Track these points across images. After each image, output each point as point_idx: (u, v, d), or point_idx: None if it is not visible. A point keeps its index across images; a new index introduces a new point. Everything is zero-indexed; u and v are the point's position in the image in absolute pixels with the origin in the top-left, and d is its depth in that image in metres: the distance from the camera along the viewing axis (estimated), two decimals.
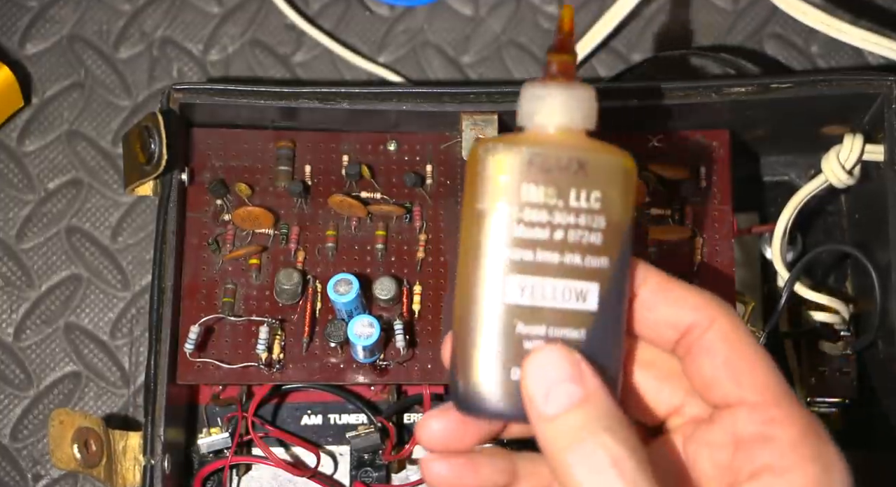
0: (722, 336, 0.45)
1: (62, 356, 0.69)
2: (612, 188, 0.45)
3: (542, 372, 0.44)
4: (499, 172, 0.45)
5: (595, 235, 0.45)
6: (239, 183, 0.63)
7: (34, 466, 0.67)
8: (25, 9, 0.74)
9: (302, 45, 0.74)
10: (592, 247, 0.45)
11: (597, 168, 0.45)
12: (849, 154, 0.63)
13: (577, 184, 0.45)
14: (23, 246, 0.70)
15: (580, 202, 0.45)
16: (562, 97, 0.46)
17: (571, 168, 0.45)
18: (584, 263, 0.45)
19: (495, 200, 0.45)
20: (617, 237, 0.46)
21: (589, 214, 0.45)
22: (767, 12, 0.73)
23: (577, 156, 0.45)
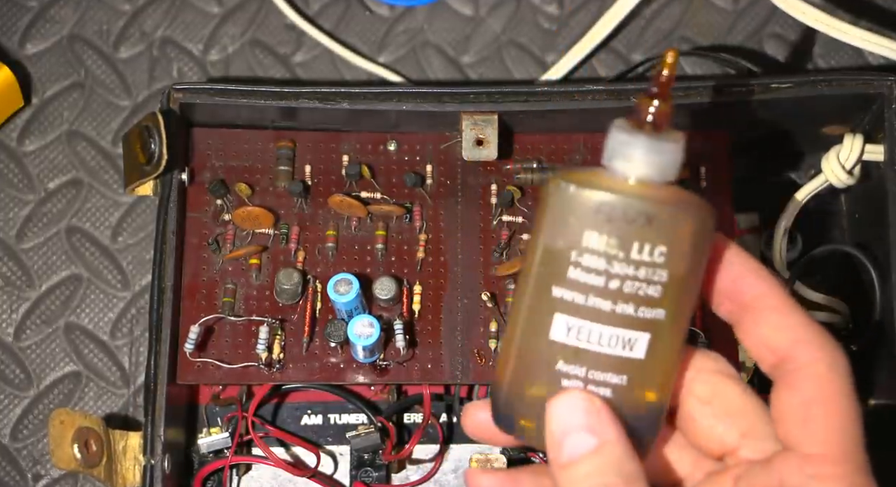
0: (814, 376, 0.44)
1: (62, 356, 0.69)
2: (680, 244, 0.45)
3: (562, 417, 0.44)
4: (565, 212, 0.45)
5: (654, 288, 0.45)
6: (239, 183, 0.63)
7: (34, 466, 0.67)
8: (25, 9, 0.74)
9: (302, 45, 0.74)
10: (649, 300, 0.45)
11: (665, 224, 0.44)
12: (849, 154, 0.63)
13: (641, 238, 0.44)
14: (23, 246, 0.70)
15: (642, 255, 0.44)
16: (647, 148, 0.45)
17: (638, 221, 0.44)
18: (637, 314, 0.45)
19: (557, 238, 0.45)
20: (678, 290, 0.45)
21: (650, 267, 0.44)
22: (767, 12, 0.73)
23: (647, 210, 0.44)
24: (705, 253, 0.46)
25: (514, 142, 0.64)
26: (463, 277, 0.62)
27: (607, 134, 0.46)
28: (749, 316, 0.46)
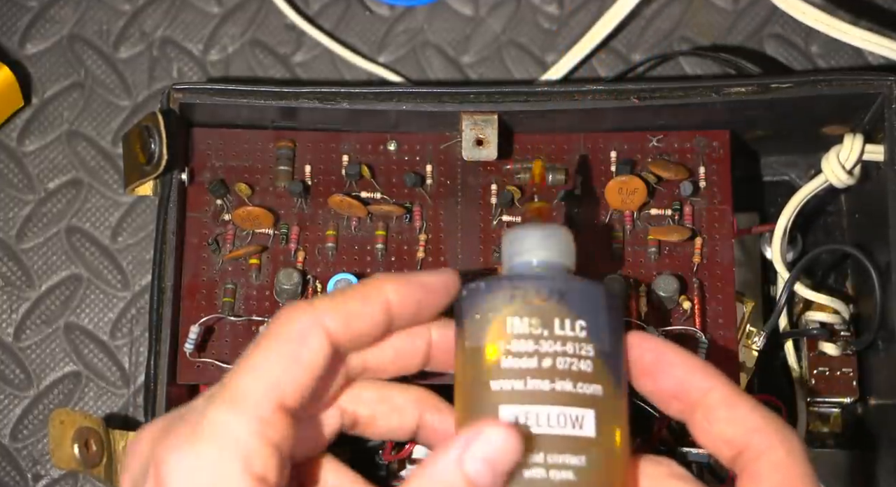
0: (775, 463, 0.45)
1: (62, 356, 0.69)
2: (596, 317, 0.47)
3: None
4: (484, 310, 0.47)
5: (585, 363, 0.46)
6: (239, 183, 0.63)
7: (34, 466, 0.67)
8: (25, 9, 0.74)
9: (302, 45, 0.74)
10: (584, 375, 0.46)
11: (579, 298, 0.47)
12: (849, 154, 0.63)
13: (560, 314, 0.46)
14: (23, 246, 0.70)
15: (565, 330, 0.46)
16: (540, 236, 0.49)
17: (553, 298, 0.47)
18: (577, 389, 0.46)
19: (482, 338, 0.47)
20: (607, 365, 0.47)
21: (575, 342, 0.46)
22: (767, 12, 0.73)
23: (557, 287, 0.47)
24: (621, 329, 0.48)
25: (514, 142, 0.64)
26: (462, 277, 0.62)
27: (502, 241, 0.49)
28: (699, 413, 0.47)
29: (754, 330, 0.64)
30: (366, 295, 0.49)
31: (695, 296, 0.62)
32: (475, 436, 0.45)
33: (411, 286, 0.49)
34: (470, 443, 0.45)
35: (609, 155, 0.64)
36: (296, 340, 0.47)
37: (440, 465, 0.45)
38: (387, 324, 0.49)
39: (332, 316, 0.48)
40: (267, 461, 0.45)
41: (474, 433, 0.45)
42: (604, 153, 0.64)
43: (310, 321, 0.48)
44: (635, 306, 0.61)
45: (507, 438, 0.45)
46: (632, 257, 0.63)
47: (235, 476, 0.45)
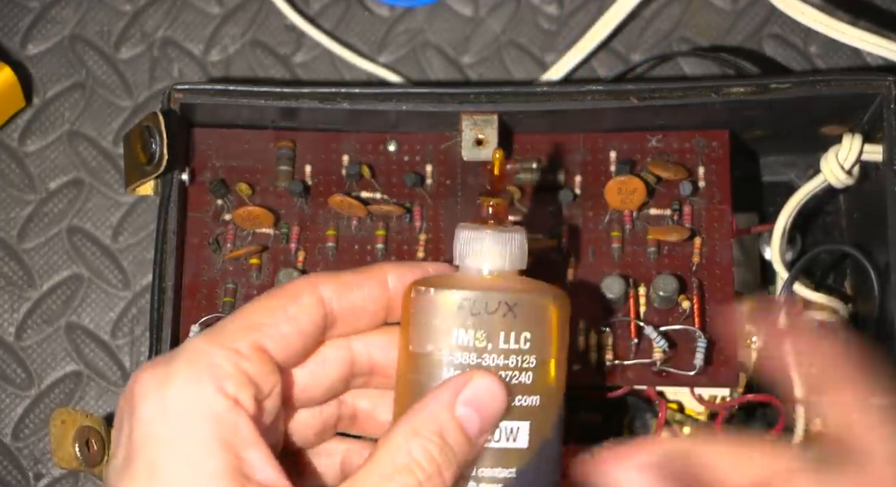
0: None
1: (63, 355, 0.69)
2: (542, 328, 0.47)
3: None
4: (429, 315, 0.47)
5: (525, 375, 0.46)
6: (239, 183, 0.64)
7: (35, 465, 0.67)
8: (27, 9, 0.74)
9: (302, 46, 0.74)
10: (523, 387, 0.46)
11: (526, 309, 0.46)
12: (847, 154, 0.63)
13: (507, 327, 0.46)
14: (24, 246, 0.70)
15: (509, 344, 0.46)
16: (493, 241, 0.48)
17: (500, 311, 0.46)
18: (516, 403, 0.46)
19: (425, 342, 0.47)
20: (548, 374, 0.47)
21: (518, 355, 0.46)
22: (766, 13, 0.73)
23: (506, 299, 0.46)
24: (566, 337, 0.48)
25: (514, 142, 0.64)
26: None
27: (455, 236, 0.48)
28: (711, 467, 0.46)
29: (753, 329, 0.64)
30: (365, 273, 0.49)
31: (694, 296, 0.62)
32: (464, 382, 0.45)
33: (414, 272, 0.49)
34: (459, 388, 0.45)
35: (609, 155, 0.64)
36: (287, 296, 0.48)
37: (433, 409, 0.45)
38: (385, 305, 0.49)
39: (328, 283, 0.49)
40: (241, 387, 0.46)
41: (464, 378, 0.45)
42: (603, 153, 0.64)
43: (305, 283, 0.49)
44: (635, 306, 0.62)
45: (494, 386, 0.45)
46: (631, 257, 0.63)
47: (208, 393, 0.45)
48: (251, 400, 0.46)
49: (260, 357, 0.47)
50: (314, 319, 0.48)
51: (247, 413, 0.45)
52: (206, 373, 0.45)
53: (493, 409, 0.46)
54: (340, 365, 0.50)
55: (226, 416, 0.45)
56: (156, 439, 0.45)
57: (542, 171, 0.64)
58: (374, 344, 0.50)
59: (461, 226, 0.48)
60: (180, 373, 0.45)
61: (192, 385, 0.45)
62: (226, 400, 0.45)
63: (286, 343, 0.48)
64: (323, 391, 0.50)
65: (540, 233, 0.63)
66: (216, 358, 0.46)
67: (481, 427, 0.46)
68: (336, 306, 0.48)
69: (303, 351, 0.49)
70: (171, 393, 0.45)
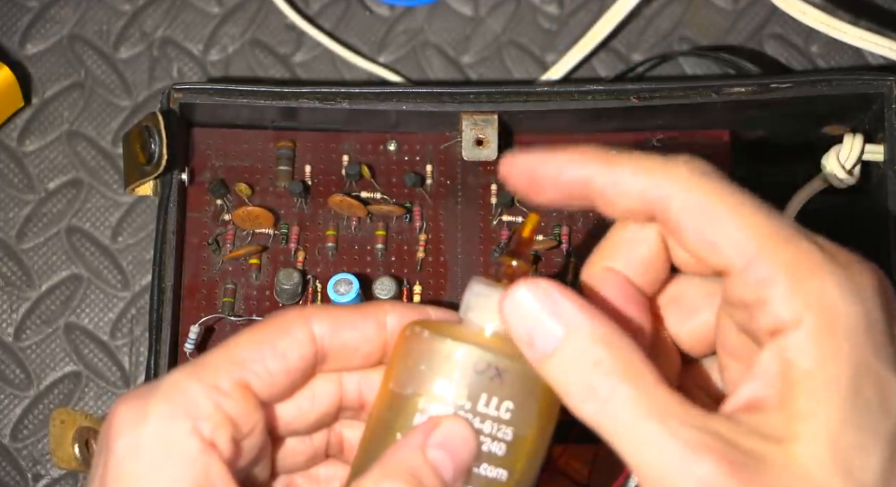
0: (685, 205, 0.42)
1: (62, 356, 0.69)
2: (528, 402, 0.44)
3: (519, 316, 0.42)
4: (417, 358, 0.45)
5: (497, 445, 0.44)
6: (239, 183, 0.64)
7: (34, 466, 0.67)
8: (26, 9, 0.74)
9: (302, 45, 0.74)
10: (492, 457, 0.44)
11: (515, 379, 0.44)
12: (849, 154, 0.63)
13: (490, 391, 0.44)
14: (23, 246, 0.70)
15: (489, 409, 0.44)
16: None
17: (488, 373, 0.44)
18: (480, 471, 0.44)
19: (406, 384, 0.45)
20: (522, 453, 0.44)
21: (495, 422, 0.44)
22: (767, 12, 0.73)
23: (498, 363, 0.44)
24: (553, 418, 0.45)
25: (514, 142, 0.64)
26: (463, 277, 0.62)
27: (467, 288, 0.46)
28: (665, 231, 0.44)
29: None
30: (363, 311, 0.47)
31: None
32: (433, 426, 0.44)
33: (415, 315, 0.47)
34: (429, 431, 0.44)
35: None
36: (276, 330, 0.46)
37: (405, 452, 0.43)
38: (380, 345, 0.47)
39: (322, 318, 0.46)
40: (218, 428, 0.44)
41: (430, 423, 0.44)
42: None
43: (297, 317, 0.46)
44: None
45: (465, 431, 0.44)
46: None
47: (182, 432, 0.44)
48: (228, 441, 0.44)
49: (242, 394, 0.45)
50: (304, 355, 0.46)
51: (220, 457, 0.44)
52: (183, 412, 0.44)
53: (465, 454, 0.44)
54: (330, 400, 0.48)
55: (198, 458, 0.43)
56: (127, 475, 0.44)
57: None
58: (366, 382, 0.48)
59: (475, 279, 0.46)
60: (156, 409, 0.44)
61: (167, 423, 0.44)
62: (200, 442, 0.44)
63: (272, 380, 0.46)
64: (310, 424, 0.48)
65: (540, 233, 0.63)
66: (195, 395, 0.44)
67: (454, 472, 0.43)
68: (328, 343, 0.46)
69: (290, 387, 0.47)
70: (146, 430, 0.44)
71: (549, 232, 0.63)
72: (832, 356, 0.40)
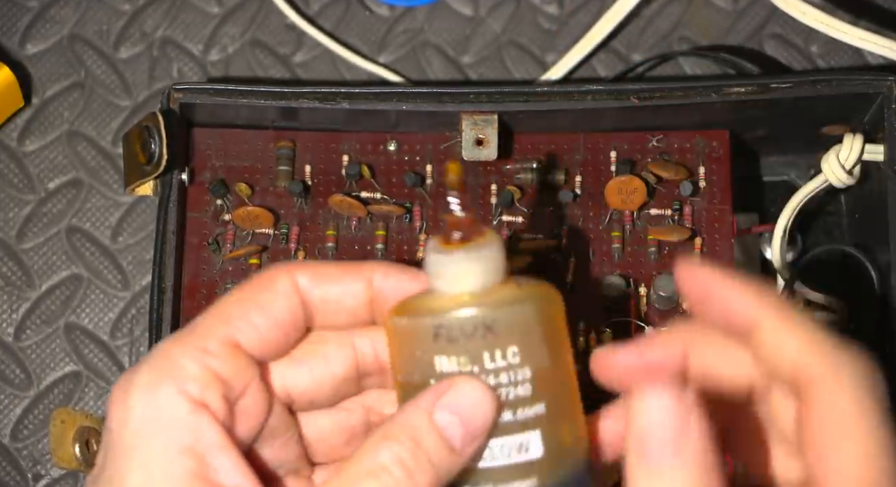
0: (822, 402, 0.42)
1: (62, 356, 0.69)
2: (529, 337, 0.44)
3: (651, 426, 0.41)
4: (409, 347, 0.44)
5: (522, 387, 0.44)
6: (239, 183, 0.64)
7: (34, 466, 0.67)
8: (26, 9, 0.74)
9: (302, 46, 0.74)
10: (523, 400, 0.44)
11: (506, 325, 0.44)
12: (848, 154, 0.63)
13: (489, 347, 0.43)
14: (23, 246, 0.70)
15: (496, 362, 0.43)
16: (462, 262, 0.44)
17: (478, 333, 0.43)
18: (517, 417, 0.44)
19: (412, 373, 0.44)
20: (550, 382, 0.44)
21: (509, 370, 0.44)
22: (767, 12, 0.73)
23: (483, 320, 0.43)
24: (561, 335, 0.45)
25: (514, 142, 0.64)
26: None
27: (425, 255, 0.45)
28: (753, 342, 0.43)
29: None
30: (347, 267, 0.47)
31: None
32: (446, 387, 0.43)
33: (401, 273, 0.47)
34: (441, 394, 0.43)
35: (609, 155, 0.64)
36: (259, 284, 0.46)
37: (409, 415, 0.43)
38: (366, 301, 0.46)
39: (305, 271, 0.46)
40: (207, 387, 0.44)
41: (445, 384, 0.43)
42: (604, 153, 0.64)
43: (280, 270, 0.46)
44: (635, 306, 0.62)
45: (479, 393, 0.43)
46: (632, 257, 0.63)
47: (168, 396, 0.43)
48: (220, 400, 0.44)
49: (230, 352, 0.45)
50: (290, 307, 0.46)
51: (213, 416, 0.44)
52: (168, 376, 0.44)
53: (478, 416, 0.43)
54: (344, 362, 0.47)
55: (187, 420, 0.43)
56: (120, 448, 0.43)
57: (542, 171, 0.64)
58: (380, 343, 0.47)
59: (430, 246, 0.45)
60: (142, 379, 0.44)
61: (152, 390, 0.44)
62: (188, 403, 0.43)
63: (260, 334, 0.45)
64: (329, 392, 0.48)
65: (540, 233, 0.63)
66: (180, 360, 0.44)
67: (465, 435, 0.43)
68: (313, 296, 0.46)
69: (282, 341, 0.46)
70: (132, 400, 0.44)
71: (548, 232, 0.63)
72: None
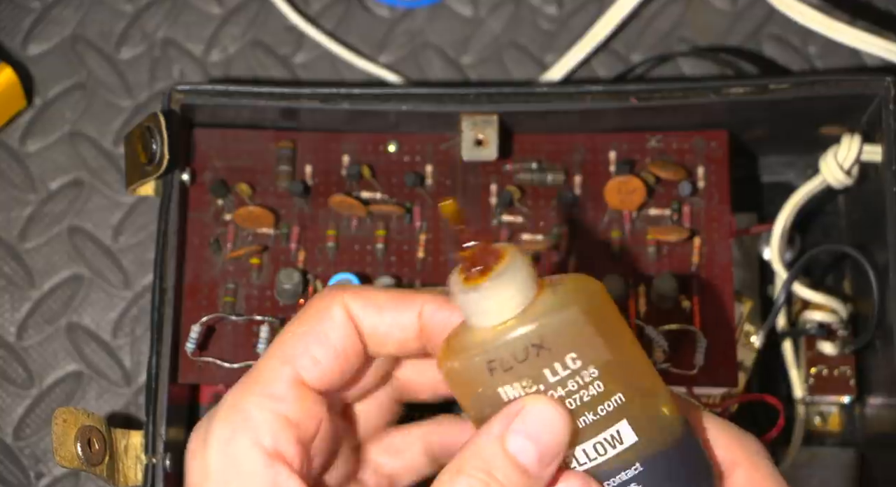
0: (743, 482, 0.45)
1: (64, 355, 0.69)
2: (582, 338, 0.43)
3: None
4: (470, 388, 0.44)
5: (593, 386, 0.43)
6: (240, 183, 0.64)
7: (36, 464, 0.67)
8: (28, 10, 0.74)
9: (302, 46, 0.74)
10: (597, 398, 0.43)
11: (555, 336, 0.43)
12: (847, 154, 0.63)
13: (546, 363, 0.43)
14: (25, 246, 0.71)
15: (559, 374, 0.43)
16: (491, 294, 0.43)
17: (532, 353, 0.43)
18: (600, 414, 0.43)
19: (483, 409, 0.44)
20: (618, 369, 0.43)
21: (574, 376, 0.43)
22: (765, 13, 0.73)
23: (530, 339, 0.43)
24: (611, 316, 0.45)
25: (514, 143, 0.64)
26: None
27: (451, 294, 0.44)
28: None
29: (752, 329, 0.64)
30: (398, 296, 0.47)
31: (694, 296, 0.62)
32: (516, 411, 0.42)
33: (444, 305, 0.46)
34: (511, 418, 0.42)
35: (608, 155, 0.64)
36: (314, 315, 0.46)
37: (481, 444, 0.42)
38: (416, 331, 0.46)
39: (356, 297, 0.46)
40: (279, 435, 0.44)
41: (516, 406, 0.42)
42: (603, 153, 0.64)
43: (332, 298, 0.46)
44: (634, 306, 0.62)
45: (549, 411, 0.42)
46: (631, 257, 0.63)
47: (243, 450, 0.44)
48: (293, 446, 0.44)
49: (298, 393, 0.45)
50: (348, 335, 0.46)
51: (288, 466, 0.44)
52: (241, 429, 0.44)
53: (552, 434, 0.42)
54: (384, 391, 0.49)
55: (264, 474, 0.44)
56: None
57: (542, 171, 0.64)
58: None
59: (452, 280, 0.44)
60: (217, 433, 0.45)
61: (228, 444, 0.44)
62: (263, 456, 0.44)
63: (322, 368, 0.45)
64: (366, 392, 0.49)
65: (540, 234, 0.63)
66: (250, 410, 0.44)
67: (541, 457, 0.42)
68: (364, 325, 0.46)
69: (346, 371, 0.46)
70: (210, 455, 0.45)
71: (548, 232, 0.63)
72: None
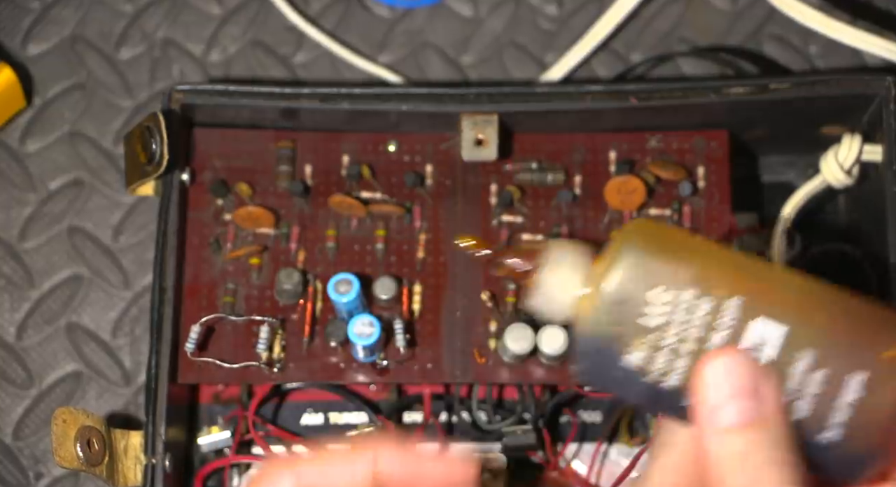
0: None
1: (64, 355, 0.69)
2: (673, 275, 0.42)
3: (719, 381, 0.41)
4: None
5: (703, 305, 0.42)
6: (240, 183, 0.64)
7: (36, 464, 0.67)
8: (27, 10, 0.74)
9: (302, 46, 0.74)
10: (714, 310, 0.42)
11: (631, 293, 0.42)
12: (847, 154, 0.63)
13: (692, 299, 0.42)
14: (24, 246, 0.71)
15: (694, 314, 0.42)
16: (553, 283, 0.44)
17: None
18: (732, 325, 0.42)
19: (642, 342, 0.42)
20: (716, 273, 0.42)
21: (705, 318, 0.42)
22: (766, 13, 0.73)
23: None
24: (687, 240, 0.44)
25: (514, 142, 0.64)
26: (463, 277, 0.63)
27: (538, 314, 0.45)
28: None
29: None
30: (350, 457, 0.45)
31: None
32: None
33: (408, 461, 0.45)
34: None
35: (608, 155, 0.64)
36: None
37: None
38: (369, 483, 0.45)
39: (308, 470, 0.45)
40: None
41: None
42: (603, 153, 0.64)
43: (283, 472, 0.45)
44: None
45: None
46: None
47: None
48: None
49: None
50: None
51: None
52: None
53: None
54: None
55: None
56: None
57: (542, 171, 0.64)
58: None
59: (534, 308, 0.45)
60: None
61: None
62: None
63: None
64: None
65: (540, 233, 0.63)
66: None
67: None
68: None
69: None
70: None
71: (548, 232, 0.63)
72: None
